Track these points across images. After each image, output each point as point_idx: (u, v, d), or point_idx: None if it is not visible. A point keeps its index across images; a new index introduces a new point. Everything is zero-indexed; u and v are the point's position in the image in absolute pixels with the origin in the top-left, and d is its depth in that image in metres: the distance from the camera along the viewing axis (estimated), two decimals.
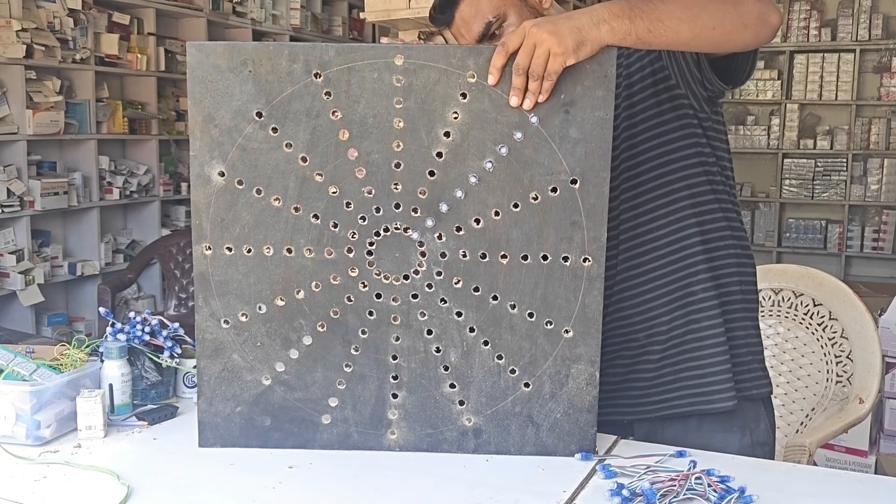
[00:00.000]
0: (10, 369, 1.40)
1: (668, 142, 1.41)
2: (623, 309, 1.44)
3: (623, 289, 1.44)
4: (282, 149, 1.26)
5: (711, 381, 1.42)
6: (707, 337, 1.42)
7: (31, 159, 4.51)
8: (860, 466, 2.75)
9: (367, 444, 1.33)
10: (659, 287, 1.43)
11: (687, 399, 1.44)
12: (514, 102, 1.21)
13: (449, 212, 1.27)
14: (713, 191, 1.43)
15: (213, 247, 1.29)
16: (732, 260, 1.44)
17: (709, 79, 1.38)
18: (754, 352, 1.47)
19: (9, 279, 4.33)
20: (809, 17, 7.10)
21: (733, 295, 1.44)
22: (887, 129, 6.92)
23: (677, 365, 1.44)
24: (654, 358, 1.44)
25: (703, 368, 1.42)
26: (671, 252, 1.42)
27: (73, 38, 4.61)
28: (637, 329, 1.45)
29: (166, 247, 4.46)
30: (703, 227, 1.42)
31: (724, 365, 1.41)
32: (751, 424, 1.45)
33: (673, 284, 1.42)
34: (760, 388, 1.47)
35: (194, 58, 1.25)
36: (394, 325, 1.30)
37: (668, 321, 1.43)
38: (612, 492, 1.16)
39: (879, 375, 2.17)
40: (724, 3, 1.23)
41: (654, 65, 1.40)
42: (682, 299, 1.42)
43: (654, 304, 1.43)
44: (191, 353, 1.54)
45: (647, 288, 1.43)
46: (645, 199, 1.42)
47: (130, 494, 1.16)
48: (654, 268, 1.43)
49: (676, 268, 1.42)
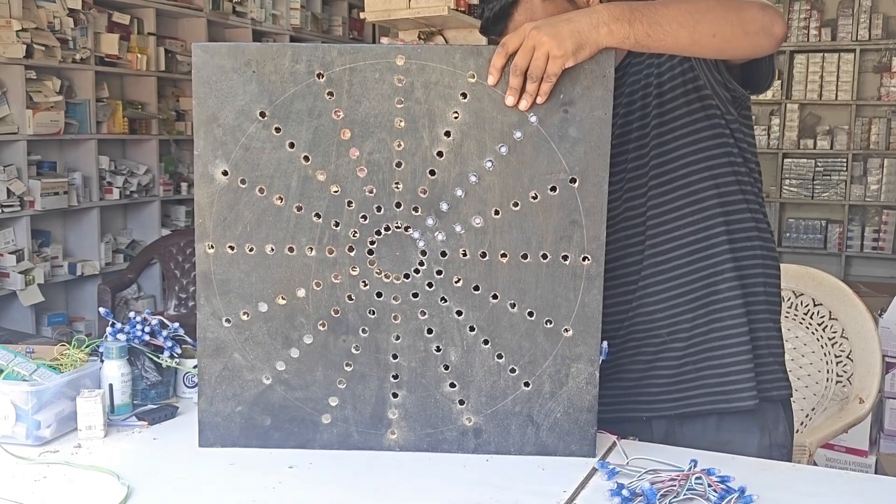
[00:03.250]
0: (10, 369, 1.40)
1: (697, 141, 1.41)
2: (646, 305, 1.44)
3: (647, 285, 1.44)
4: (284, 148, 1.26)
5: (733, 379, 1.42)
6: (730, 336, 1.42)
7: (31, 159, 4.51)
8: (860, 466, 2.75)
9: (367, 444, 1.33)
10: (684, 284, 1.43)
11: (707, 397, 1.43)
12: (509, 102, 1.21)
13: (449, 211, 1.27)
14: (741, 191, 1.43)
15: (216, 245, 1.29)
16: (758, 261, 1.44)
17: (729, 81, 1.39)
18: (775, 353, 1.47)
19: (9, 279, 4.34)
20: (809, 17, 7.09)
21: (758, 296, 1.44)
22: (887, 129, 6.92)
23: (699, 363, 1.43)
24: (675, 355, 1.44)
25: (725, 367, 1.42)
26: (697, 250, 1.42)
27: (73, 38, 4.61)
28: (659, 325, 1.44)
29: (166, 247, 4.46)
30: (730, 227, 1.42)
31: (745, 364, 1.41)
32: (770, 426, 1.44)
33: (698, 283, 1.42)
34: (781, 389, 1.46)
35: (199, 58, 1.25)
36: (394, 323, 1.30)
37: (692, 318, 1.43)
38: (612, 492, 1.16)
39: (879, 375, 2.17)
40: (726, 10, 1.23)
41: (683, 65, 1.41)
42: (706, 297, 1.42)
43: (678, 301, 1.43)
44: (191, 353, 1.54)
45: (672, 285, 1.43)
46: (673, 196, 1.42)
47: (130, 494, 1.16)
48: (680, 265, 1.43)
49: (702, 266, 1.42)
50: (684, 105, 1.41)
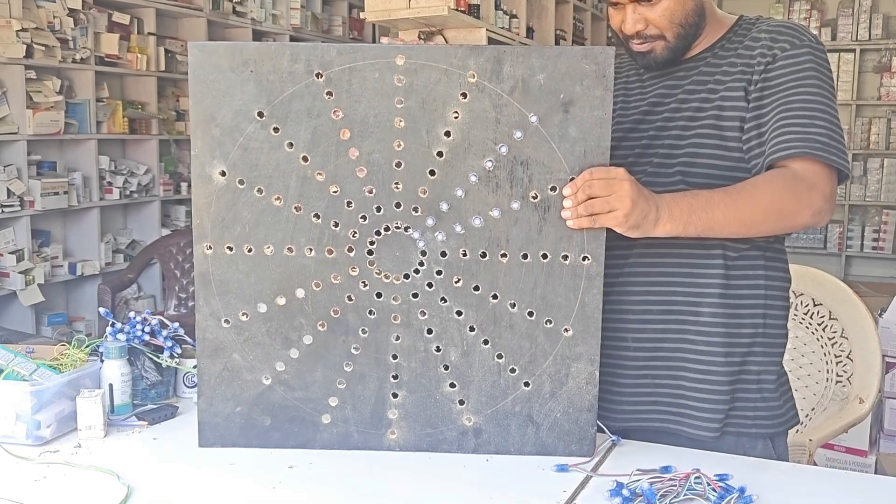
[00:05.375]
0: (10, 369, 1.40)
1: (725, 168, 1.37)
2: (622, 303, 1.40)
3: (628, 283, 1.40)
4: (283, 148, 1.26)
5: (691, 405, 1.39)
6: (698, 361, 1.38)
7: (31, 159, 4.50)
8: (860, 466, 2.75)
9: (367, 444, 1.33)
10: (664, 294, 1.39)
11: (661, 415, 1.41)
12: (565, 215, 1.24)
13: (449, 211, 1.27)
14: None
15: (214, 246, 1.29)
16: (759, 292, 1.40)
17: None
18: (767, 390, 1.41)
19: (9, 279, 4.33)
20: (809, 17, 7.10)
21: (750, 328, 1.39)
22: (887, 129, 6.93)
23: (658, 379, 1.41)
24: (636, 364, 1.41)
25: (687, 391, 1.40)
26: (688, 266, 1.38)
27: (73, 37, 4.61)
28: (628, 328, 1.41)
29: (166, 247, 4.45)
30: (727, 255, 1.38)
31: (710, 395, 1.38)
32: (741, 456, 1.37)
33: (678, 297, 1.39)
34: (767, 427, 1.41)
35: (196, 58, 1.25)
36: (394, 324, 1.30)
37: (661, 331, 1.39)
38: (612, 492, 1.16)
39: (879, 375, 2.17)
40: (780, 215, 1.29)
41: (747, 112, 1.37)
42: (683, 315, 1.39)
43: (653, 309, 1.40)
44: (191, 353, 1.54)
45: (651, 290, 1.40)
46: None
47: (130, 494, 1.16)
48: (666, 273, 1.39)
49: (688, 282, 1.38)
50: (722, 134, 1.37)
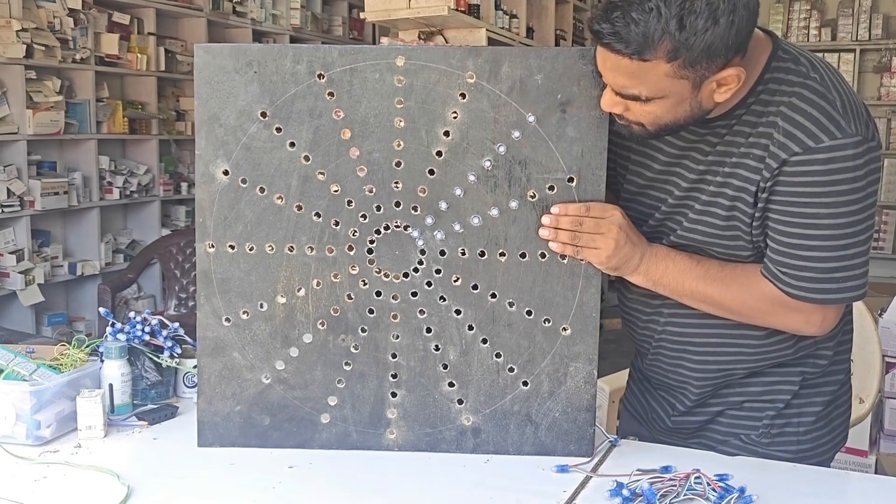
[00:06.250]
0: (10, 369, 1.40)
1: (735, 236, 1.28)
2: (679, 316, 1.35)
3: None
4: (285, 148, 1.26)
5: (721, 420, 1.40)
6: (732, 384, 1.37)
7: (31, 159, 4.50)
8: (860, 466, 2.75)
9: (365, 444, 1.33)
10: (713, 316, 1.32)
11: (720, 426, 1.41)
12: (543, 234, 1.26)
13: (448, 210, 1.27)
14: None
15: (216, 244, 1.29)
16: (808, 341, 1.34)
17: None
18: (804, 423, 1.37)
19: (9, 279, 4.33)
20: (809, 17, 7.09)
21: (793, 365, 1.36)
22: (887, 129, 6.92)
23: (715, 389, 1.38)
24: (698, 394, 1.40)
25: (721, 406, 1.40)
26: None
27: (73, 37, 4.61)
28: (686, 339, 1.36)
29: (166, 247, 4.45)
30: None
31: (727, 416, 1.39)
32: None
33: (729, 321, 1.31)
34: (786, 453, 1.37)
35: (201, 59, 1.25)
36: (393, 322, 1.30)
37: (710, 344, 1.35)
38: (612, 492, 1.16)
39: (879, 375, 2.17)
40: (747, 318, 1.29)
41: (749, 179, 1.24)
42: (730, 338, 1.33)
43: (705, 322, 1.33)
44: (191, 352, 1.54)
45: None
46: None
47: (130, 494, 1.16)
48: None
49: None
50: (735, 215, 1.26)
